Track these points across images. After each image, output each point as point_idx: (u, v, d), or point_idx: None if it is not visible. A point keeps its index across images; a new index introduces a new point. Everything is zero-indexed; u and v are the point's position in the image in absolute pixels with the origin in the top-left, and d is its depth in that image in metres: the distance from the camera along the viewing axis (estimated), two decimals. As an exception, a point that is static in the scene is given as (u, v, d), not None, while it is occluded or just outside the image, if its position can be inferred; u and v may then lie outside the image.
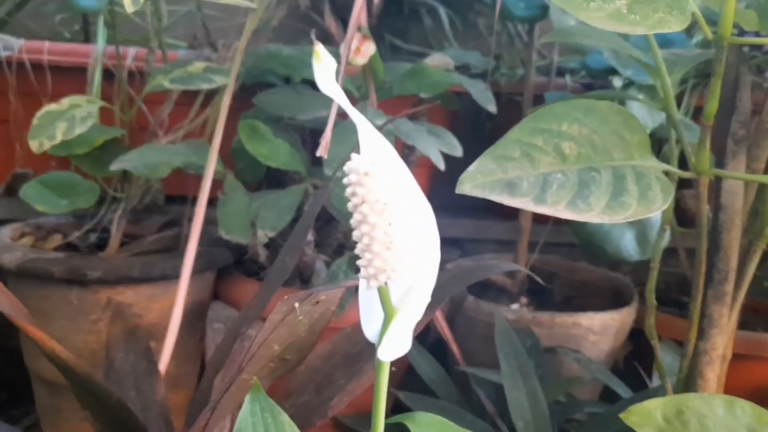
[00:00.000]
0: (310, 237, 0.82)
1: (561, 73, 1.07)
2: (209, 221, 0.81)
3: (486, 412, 0.81)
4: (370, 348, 0.60)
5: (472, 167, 0.46)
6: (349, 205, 0.27)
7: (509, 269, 0.66)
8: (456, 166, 0.55)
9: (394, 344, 0.30)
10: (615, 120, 0.49)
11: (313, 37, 0.28)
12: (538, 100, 0.99)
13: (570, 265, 1.05)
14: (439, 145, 0.78)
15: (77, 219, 0.97)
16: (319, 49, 0.25)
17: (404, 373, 0.91)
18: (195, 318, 0.84)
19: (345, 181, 0.27)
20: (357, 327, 0.63)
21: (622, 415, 0.52)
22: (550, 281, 1.05)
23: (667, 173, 0.51)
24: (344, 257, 0.82)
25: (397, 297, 0.29)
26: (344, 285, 0.53)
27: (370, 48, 0.74)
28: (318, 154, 0.57)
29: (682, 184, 0.68)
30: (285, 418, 0.41)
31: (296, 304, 0.42)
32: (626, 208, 0.45)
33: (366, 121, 0.27)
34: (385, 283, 0.28)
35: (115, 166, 0.76)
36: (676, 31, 0.40)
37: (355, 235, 0.27)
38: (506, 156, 0.46)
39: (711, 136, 0.54)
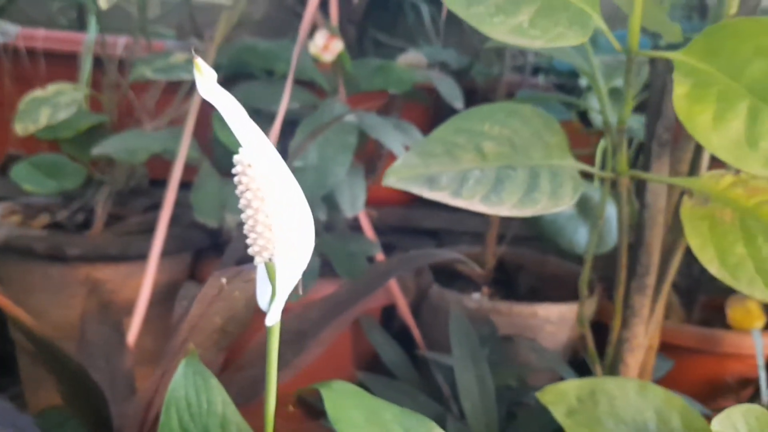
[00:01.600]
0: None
1: (536, 71, 1.10)
2: (189, 205, 0.86)
3: (443, 395, 0.86)
4: (315, 326, 0.64)
5: (398, 162, 0.50)
6: (237, 191, 0.31)
7: (449, 257, 0.70)
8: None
9: (279, 311, 0.34)
10: (536, 123, 0.53)
11: (193, 52, 0.32)
12: (512, 98, 1.02)
13: (540, 259, 1.09)
14: (403, 140, 0.82)
15: (65, 199, 1.02)
16: (199, 62, 0.29)
17: (372, 357, 0.96)
18: (170, 296, 0.88)
19: (233, 171, 0.31)
20: (306, 307, 0.67)
21: (537, 394, 0.56)
22: (518, 273, 1.09)
23: (587, 173, 0.55)
24: (311, 243, 0.86)
25: (280, 271, 0.33)
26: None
27: (337, 45, 0.78)
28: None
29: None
30: (214, 381, 0.45)
31: (223, 280, 0.46)
32: (536, 203, 0.49)
33: (244, 122, 0.31)
34: (270, 259, 0.32)
35: (96, 151, 0.80)
36: (574, 44, 0.44)
37: (242, 216, 0.31)
38: (429, 152, 0.50)
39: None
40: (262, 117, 0.93)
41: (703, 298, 1.00)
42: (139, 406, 0.54)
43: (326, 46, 0.77)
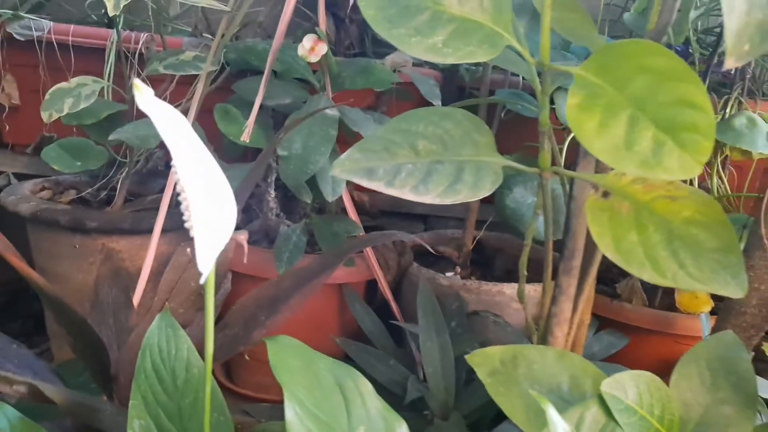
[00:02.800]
0: (273, 205, 0.97)
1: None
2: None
3: (415, 361, 0.95)
4: (287, 293, 0.75)
5: (343, 156, 0.59)
6: (176, 178, 0.41)
7: (404, 238, 0.78)
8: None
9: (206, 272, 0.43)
10: (466, 124, 0.61)
11: (135, 80, 0.41)
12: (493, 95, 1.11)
13: (517, 243, 1.17)
14: (383, 132, 0.91)
15: (91, 178, 1.14)
16: (137, 83, 0.39)
17: (356, 327, 1.06)
18: (177, 266, 1.00)
19: (172, 163, 0.41)
20: (282, 278, 0.77)
21: (467, 357, 0.66)
22: (496, 255, 1.17)
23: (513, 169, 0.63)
24: (300, 223, 0.97)
25: (198, 241, 0.42)
26: (239, 236, 0.68)
27: (322, 48, 0.87)
28: (242, 138, 0.72)
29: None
30: (182, 332, 0.56)
31: (188, 250, 0.57)
32: (458, 193, 0.58)
33: (168, 123, 0.40)
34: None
35: (113, 136, 0.92)
36: (485, 60, 0.52)
37: (179, 198, 0.41)
38: (370, 149, 0.59)
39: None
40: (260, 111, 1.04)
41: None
42: (130, 353, 0.65)
43: (312, 48, 0.87)
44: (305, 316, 1.03)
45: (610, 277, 1.17)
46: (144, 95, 0.38)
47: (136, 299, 0.84)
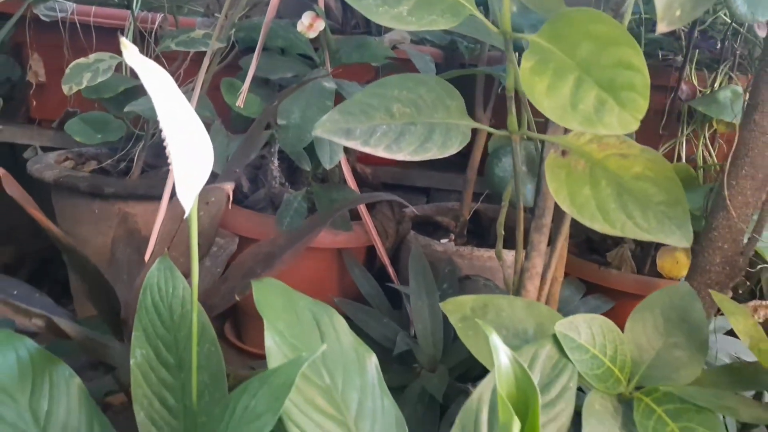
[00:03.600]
0: (277, 174, 1.04)
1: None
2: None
3: (409, 320, 1.02)
4: (281, 250, 0.81)
5: (324, 117, 0.65)
6: (161, 132, 0.47)
7: (386, 198, 0.83)
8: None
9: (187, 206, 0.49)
10: (439, 90, 0.67)
11: (120, 36, 0.48)
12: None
13: (512, 213, 1.22)
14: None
15: (110, 150, 1.22)
16: (124, 40, 0.45)
17: (355, 290, 1.12)
18: (188, 231, 1.07)
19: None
20: (276, 236, 0.84)
21: (441, 304, 0.71)
22: (492, 225, 1.22)
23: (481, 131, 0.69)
24: (301, 191, 1.03)
25: (176, 175, 0.48)
26: (222, 186, 0.73)
27: (319, 25, 0.93)
28: (237, 104, 0.78)
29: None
30: (178, 273, 0.63)
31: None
32: (427, 151, 0.63)
33: (150, 75, 0.46)
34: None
35: (128, 108, 0.99)
36: (446, 28, 0.58)
37: (164, 144, 0.47)
38: (349, 111, 0.65)
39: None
40: (270, 84, 1.10)
41: (655, 253, 1.12)
42: (137, 298, 0.72)
43: (311, 25, 0.93)
44: (308, 279, 1.10)
45: (605, 247, 1.22)
46: (129, 50, 0.45)
47: (147, 258, 0.92)
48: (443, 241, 1.11)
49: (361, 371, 0.59)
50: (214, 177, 1.11)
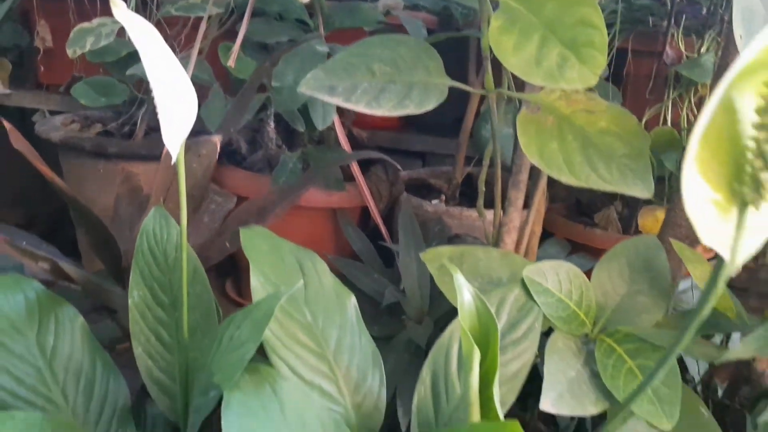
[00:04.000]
0: (273, 136, 1.08)
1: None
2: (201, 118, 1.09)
3: (399, 276, 1.06)
4: (273, 204, 0.86)
5: (309, 75, 0.69)
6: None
7: (372, 156, 0.87)
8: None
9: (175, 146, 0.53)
10: (418, 50, 0.70)
11: None
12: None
13: (504, 176, 1.26)
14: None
15: (115, 114, 1.27)
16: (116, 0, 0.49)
17: (350, 249, 1.17)
18: (189, 191, 1.12)
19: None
20: (268, 192, 0.88)
21: (421, 254, 0.76)
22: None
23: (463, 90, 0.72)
24: (297, 152, 1.07)
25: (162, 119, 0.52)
26: (212, 138, 0.78)
27: (312, -11, 0.97)
28: (228, 63, 0.82)
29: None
30: (172, 221, 0.67)
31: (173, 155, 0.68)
32: (405, 107, 0.67)
33: (138, 30, 0.50)
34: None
35: (130, 71, 1.03)
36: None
37: (152, 96, 0.52)
38: (332, 70, 0.69)
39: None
40: (268, 48, 1.14)
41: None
42: (134, 244, 0.78)
43: (304, -10, 0.97)
44: (304, 238, 1.14)
45: (594, 210, 1.25)
46: (119, 7, 0.49)
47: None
48: (434, 202, 1.15)
49: (341, 310, 0.64)
50: (228, 144, 1.16)
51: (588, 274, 1.09)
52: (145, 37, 0.49)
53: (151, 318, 0.65)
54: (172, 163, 0.53)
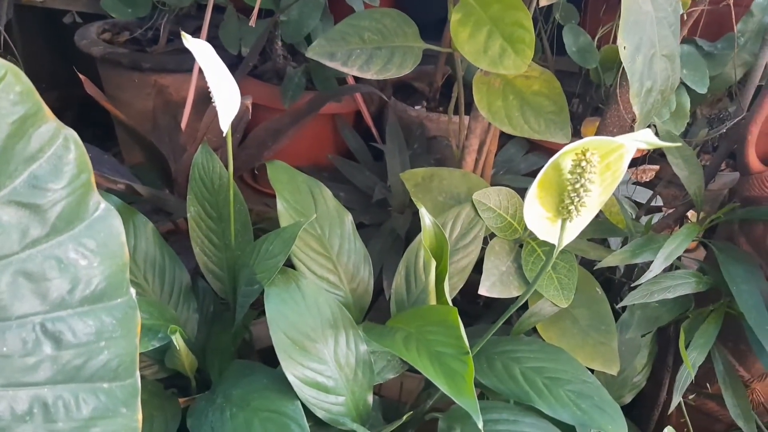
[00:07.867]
0: (281, 52, 1.27)
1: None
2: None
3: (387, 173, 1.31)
4: (286, 126, 1.08)
5: (314, 43, 0.89)
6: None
7: (366, 91, 1.08)
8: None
9: (225, 127, 0.76)
10: (399, 20, 0.90)
11: (183, 33, 0.71)
12: None
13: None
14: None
15: (140, 20, 1.44)
16: (184, 34, 0.69)
17: (347, 148, 1.40)
18: (209, 97, 1.33)
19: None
20: (282, 115, 1.11)
21: (400, 174, 1.00)
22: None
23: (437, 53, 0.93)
24: (301, 67, 1.27)
25: (219, 108, 0.75)
26: (246, 101, 0.99)
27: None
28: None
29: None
30: (215, 156, 0.90)
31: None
32: (389, 71, 0.88)
33: (203, 54, 0.71)
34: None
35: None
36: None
37: (210, 93, 0.73)
38: (332, 38, 0.89)
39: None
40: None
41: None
42: (183, 166, 1.01)
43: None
44: (309, 140, 1.37)
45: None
46: (188, 39, 0.69)
47: (183, 124, 1.19)
48: (417, 107, 1.37)
49: (341, 225, 0.89)
50: (232, 60, 1.35)
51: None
52: (210, 59, 0.70)
53: (204, 227, 0.91)
54: (224, 136, 0.76)
